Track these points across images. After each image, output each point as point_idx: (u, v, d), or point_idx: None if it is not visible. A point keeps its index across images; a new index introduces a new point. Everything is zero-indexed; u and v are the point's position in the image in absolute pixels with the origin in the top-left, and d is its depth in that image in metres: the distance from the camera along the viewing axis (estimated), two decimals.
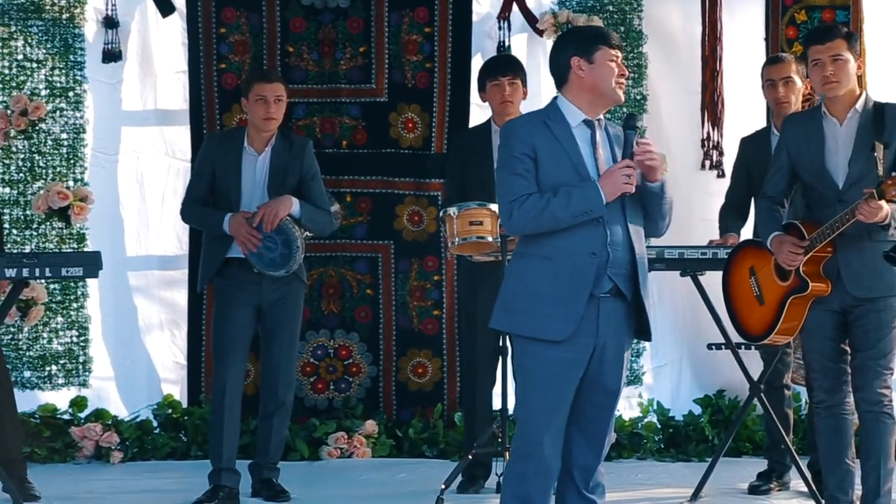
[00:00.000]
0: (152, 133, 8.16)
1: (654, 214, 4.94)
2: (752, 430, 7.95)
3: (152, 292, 8.13)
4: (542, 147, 4.87)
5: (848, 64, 5.67)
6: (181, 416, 7.97)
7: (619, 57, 4.90)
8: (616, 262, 4.83)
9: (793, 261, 5.74)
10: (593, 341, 4.84)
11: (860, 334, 5.72)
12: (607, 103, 4.94)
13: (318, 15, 8.17)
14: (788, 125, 5.95)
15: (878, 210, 5.47)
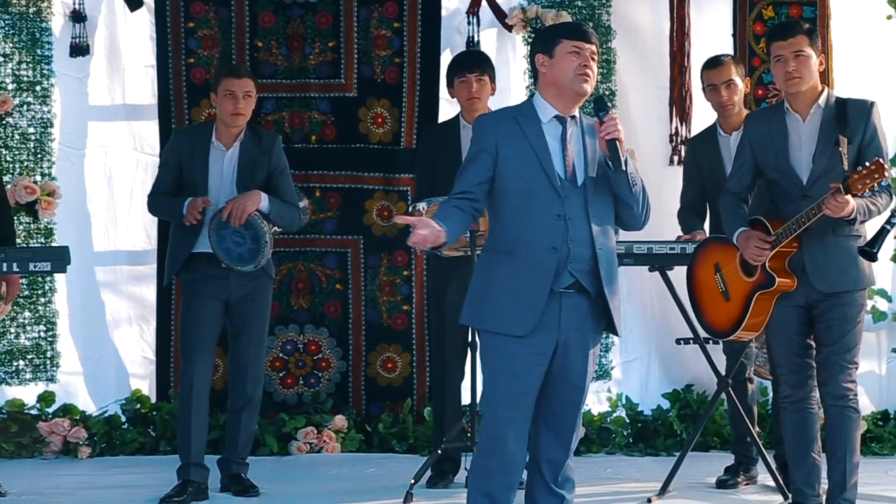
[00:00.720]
0: (120, 127, 8.13)
1: (625, 197, 4.91)
2: (719, 425, 7.99)
3: (120, 287, 8.11)
4: (506, 144, 4.91)
5: (810, 60, 5.70)
6: (150, 412, 7.96)
7: (584, 49, 4.90)
8: (576, 258, 4.85)
9: (759, 256, 5.77)
10: (555, 336, 4.87)
11: (825, 329, 5.75)
12: (572, 96, 4.94)
13: (287, 10, 8.15)
14: (751, 122, 5.98)
15: (845, 204, 5.49)
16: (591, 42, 4.95)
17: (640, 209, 4.97)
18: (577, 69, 4.89)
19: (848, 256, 5.68)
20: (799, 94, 5.74)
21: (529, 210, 4.90)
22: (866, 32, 8.13)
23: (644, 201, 4.97)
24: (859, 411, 5.81)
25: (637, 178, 4.94)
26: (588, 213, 4.88)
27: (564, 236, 4.85)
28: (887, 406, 8.12)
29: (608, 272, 4.91)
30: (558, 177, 4.89)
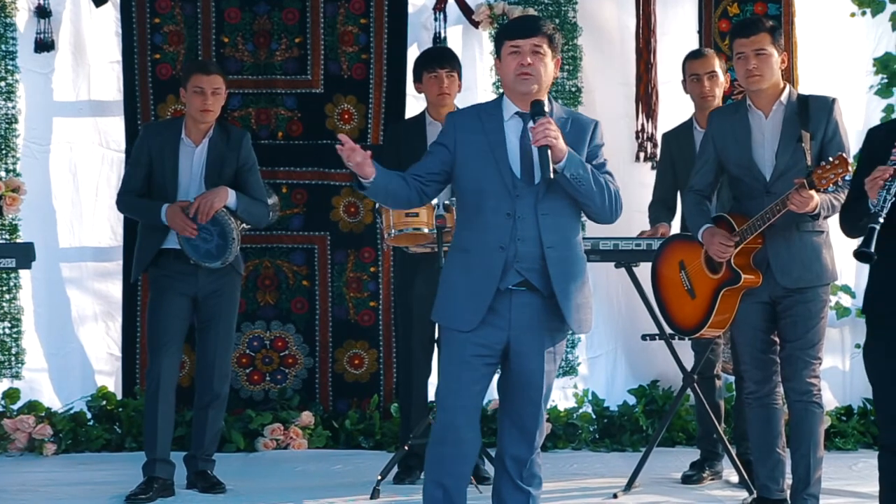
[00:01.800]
0: (86, 123, 8.10)
1: (579, 197, 4.90)
2: (685, 421, 8.02)
3: (86, 284, 8.07)
4: (465, 141, 4.95)
5: (771, 58, 5.74)
6: (115, 408, 7.93)
7: (522, 47, 4.90)
8: (523, 257, 4.87)
9: (724, 253, 5.80)
10: (505, 333, 4.91)
11: (789, 325, 5.78)
12: (519, 96, 4.95)
13: (253, 6, 8.13)
14: (714, 119, 6.01)
15: (810, 199, 5.52)
16: (532, 36, 4.93)
17: (601, 205, 4.93)
18: (516, 69, 4.91)
19: (811, 252, 5.72)
20: (761, 91, 5.77)
21: (481, 208, 4.93)
22: (831, 30, 8.18)
23: (608, 196, 4.94)
24: (823, 406, 5.85)
25: (586, 177, 4.87)
26: (537, 211, 4.88)
27: (512, 235, 4.87)
28: (851, 401, 8.17)
29: (561, 271, 4.90)
30: (512, 175, 4.90)
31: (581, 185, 4.85)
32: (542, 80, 4.93)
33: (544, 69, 4.93)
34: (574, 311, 4.93)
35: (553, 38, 4.97)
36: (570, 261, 4.93)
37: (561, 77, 8.01)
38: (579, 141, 4.97)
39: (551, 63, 4.97)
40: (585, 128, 5.03)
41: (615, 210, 4.98)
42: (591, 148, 5.01)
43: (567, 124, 4.97)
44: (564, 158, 4.81)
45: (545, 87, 4.97)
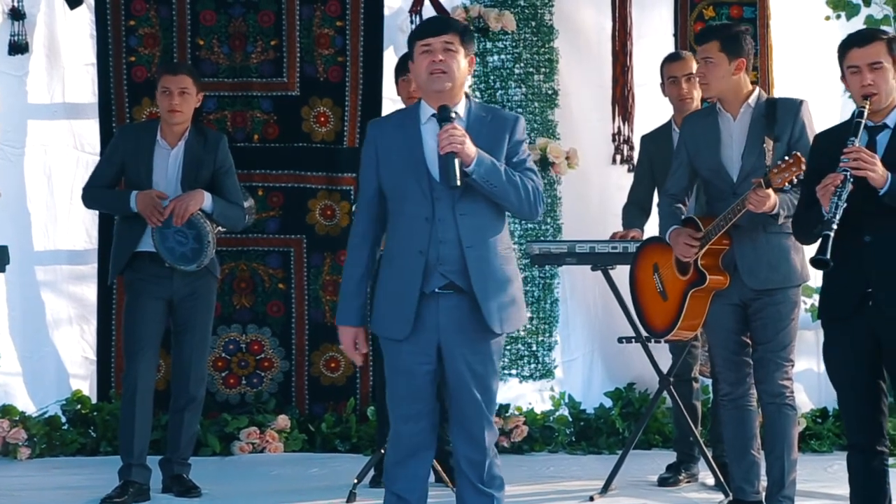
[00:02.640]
0: (60, 126, 8.07)
1: (493, 198, 4.85)
2: (661, 423, 8.03)
3: (60, 287, 8.05)
4: (385, 145, 4.93)
5: (717, 67, 5.77)
6: (90, 412, 7.90)
7: (433, 45, 4.84)
8: (445, 259, 4.83)
9: (688, 253, 5.82)
10: (435, 337, 4.87)
11: (759, 327, 5.80)
12: (433, 95, 4.88)
13: (228, 8, 8.12)
14: (687, 123, 6.07)
15: (766, 199, 5.55)
16: (443, 33, 4.87)
17: (517, 203, 4.87)
18: (428, 67, 4.86)
19: (779, 253, 5.73)
20: (723, 96, 5.81)
21: (401, 213, 4.91)
22: (805, 33, 8.21)
23: (525, 194, 4.85)
24: (796, 408, 5.87)
25: (497, 178, 4.80)
26: (455, 213, 4.85)
27: (431, 239, 4.83)
28: (826, 403, 8.19)
29: (481, 271, 4.84)
30: (429, 178, 4.86)
31: (493, 187, 4.81)
32: (456, 77, 4.86)
33: (457, 66, 4.86)
34: (495, 310, 4.86)
35: (465, 36, 4.92)
36: (490, 260, 4.87)
37: (537, 79, 8.02)
38: (498, 138, 4.91)
39: (464, 60, 4.89)
40: (506, 124, 4.96)
41: (534, 208, 4.92)
42: (512, 144, 4.94)
43: (486, 122, 4.92)
44: (473, 162, 4.77)
45: (459, 84, 4.91)
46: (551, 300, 8.06)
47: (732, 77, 5.78)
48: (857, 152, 4.94)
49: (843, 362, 5.10)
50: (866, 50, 5.09)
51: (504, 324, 4.89)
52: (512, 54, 8.04)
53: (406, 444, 4.93)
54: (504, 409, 7.97)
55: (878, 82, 5.06)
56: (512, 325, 4.96)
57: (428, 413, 4.94)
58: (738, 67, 5.78)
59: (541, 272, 7.98)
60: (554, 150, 7.94)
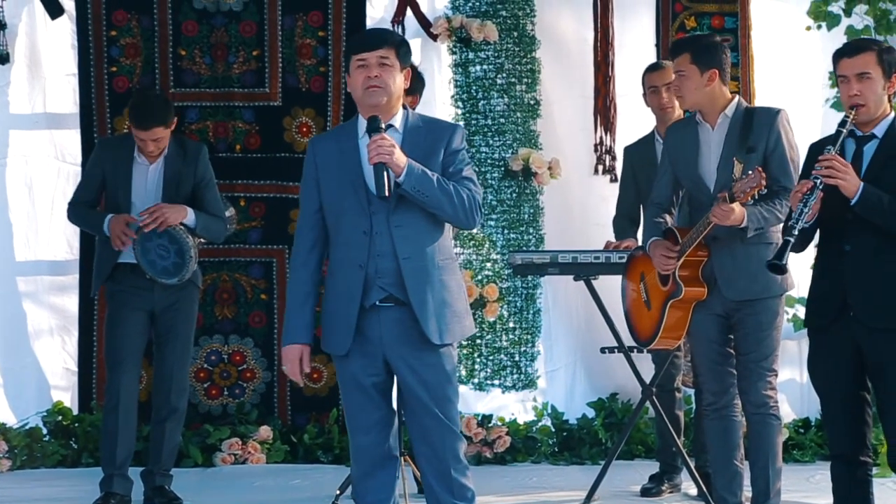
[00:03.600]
0: (42, 137, 8.05)
1: (426, 208, 4.84)
2: (644, 433, 8.03)
3: (42, 298, 8.02)
4: (324, 161, 4.94)
5: (689, 80, 5.78)
6: (71, 423, 7.87)
7: (368, 59, 4.84)
8: (383, 272, 4.84)
9: (665, 265, 5.83)
10: (380, 350, 4.87)
11: (741, 337, 5.80)
12: (368, 109, 4.88)
13: (210, 18, 8.11)
14: (669, 132, 6.10)
15: (730, 212, 5.55)
16: (378, 48, 4.87)
17: (452, 213, 4.85)
18: (364, 83, 4.86)
19: (757, 264, 5.70)
20: (699, 107, 5.82)
21: (340, 228, 4.92)
22: (787, 43, 8.23)
23: (459, 204, 4.83)
24: (780, 418, 5.86)
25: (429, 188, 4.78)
26: (390, 225, 4.85)
27: (370, 252, 4.84)
28: (808, 414, 8.19)
29: (417, 282, 4.84)
30: (367, 191, 4.86)
31: (425, 197, 4.80)
32: (391, 91, 4.87)
33: (392, 81, 4.86)
34: (433, 321, 4.84)
35: (401, 50, 4.91)
36: (428, 271, 4.87)
37: (520, 90, 8.03)
38: (434, 148, 4.91)
39: (400, 75, 4.90)
40: (443, 134, 4.95)
41: (470, 216, 4.89)
42: (449, 153, 4.92)
43: (422, 132, 4.93)
44: (403, 172, 4.76)
45: (396, 97, 4.91)
46: (534, 310, 8.06)
47: (706, 88, 5.79)
48: (830, 160, 4.96)
49: (826, 372, 5.11)
50: (854, 60, 5.10)
51: (444, 334, 4.86)
52: (494, 64, 8.04)
53: (368, 456, 4.93)
54: (487, 419, 7.97)
55: (865, 93, 5.06)
56: (453, 336, 4.90)
57: (384, 423, 4.93)
58: (710, 78, 5.78)
59: (523, 282, 7.98)
60: (536, 161, 7.94)
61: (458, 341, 5.02)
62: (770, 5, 8.22)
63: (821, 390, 5.19)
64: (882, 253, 5.00)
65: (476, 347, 7.99)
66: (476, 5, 8.05)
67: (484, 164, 8.02)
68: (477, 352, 7.99)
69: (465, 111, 8.04)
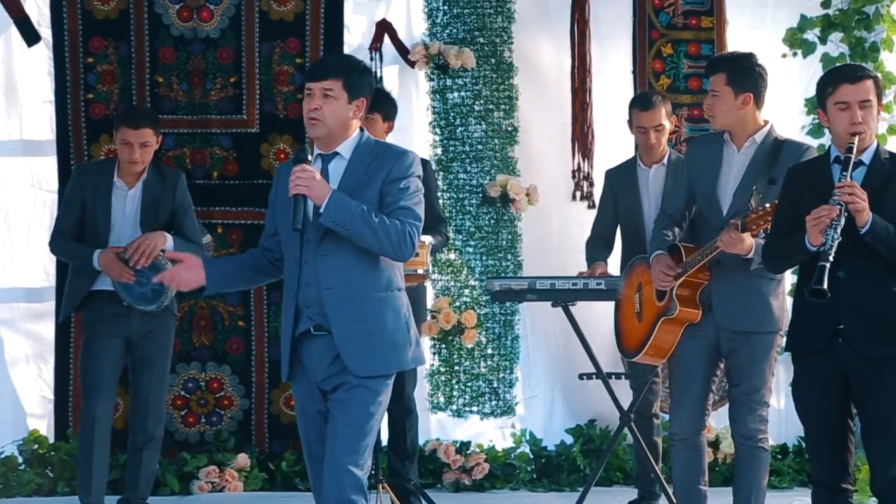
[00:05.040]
0: (18, 164, 8.01)
1: (351, 239, 4.80)
2: (622, 460, 8.01)
3: (18, 325, 7.97)
4: (282, 189, 4.92)
5: (723, 100, 5.73)
6: (48, 452, 7.81)
7: (313, 90, 4.87)
8: (310, 301, 4.85)
9: (663, 281, 5.78)
10: (314, 378, 4.90)
11: (733, 368, 5.75)
12: (314, 139, 4.97)
13: (187, 45, 8.09)
14: (693, 146, 6.07)
15: (739, 241, 5.50)
16: (323, 79, 4.86)
17: (378, 246, 4.81)
18: (308, 113, 4.89)
19: (756, 296, 5.67)
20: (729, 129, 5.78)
21: (285, 256, 4.99)
22: None
23: (385, 236, 4.79)
24: (768, 451, 5.83)
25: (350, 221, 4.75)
26: (317, 254, 4.85)
27: (299, 281, 4.87)
28: (786, 440, 8.19)
29: (340, 313, 4.81)
30: (304, 219, 4.83)
31: (346, 231, 4.77)
32: (329, 124, 4.85)
33: (333, 113, 4.85)
34: (353, 352, 4.81)
35: (349, 80, 4.87)
36: (352, 302, 4.83)
37: (497, 116, 8.04)
38: (376, 175, 4.88)
39: (346, 106, 4.87)
40: (386, 161, 4.91)
41: (398, 249, 4.83)
42: (388, 182, 4.87)
43: (368, 159, 4.90)
44: (323, 204, 4.76)
45: (339, 128, 4.88)
46: (512, 337, 8.05)
47: (739, 111, 5.71)
48: (852, 187, 4.94)
49: (812, 399, 5.10)
50: (857, 87, 5.08)
51: (366, 367, 4.81)
52: (472, 91, 8.06)
53: (313, 483, 4.97)
54: (465, 446, 7.95)
55: (866, 120, 5.06)
56: (377, 369, 4.84)
57: None
58: (744, 102, 5.69)
59: (501, 309, 7.97)
60: (514, 187, 7.95)
61: (389, 374, 4.89)
62: (746, 33, 8.24)
63: (805, 417, 5.17)
64: (877, 279, 5.00)
65: (454, 374, 7.98)
66: (453, 32, 8.06)
67: (462, 190, 8.03)
68: (455, 378, 7.98)
69: (442, 138, 8.04)
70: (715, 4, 8.17)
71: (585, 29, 8.16)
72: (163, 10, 8.01)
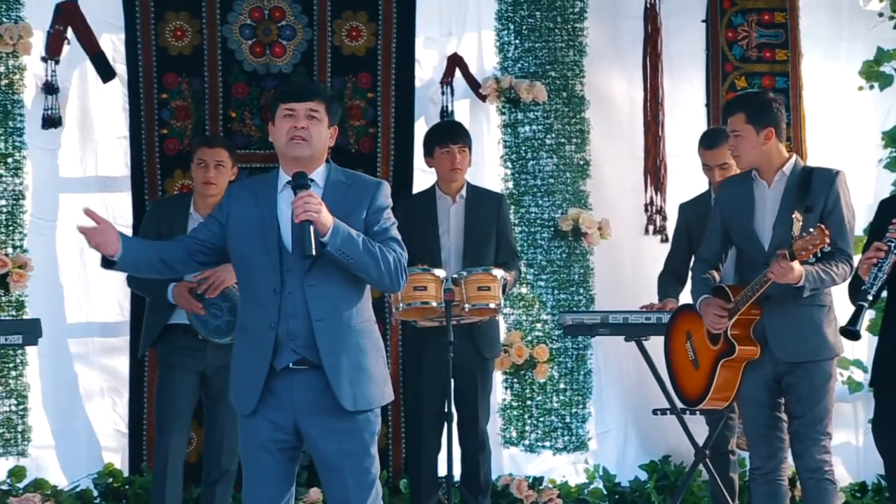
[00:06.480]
0: (93, 199, 8.05)
1: (351, 270, 4.72)
2: (697, 496, 7.93)
3: (93, 359, 8.01)
4: (237, 213, 4.83)
5: (746, 140, 5.77)
6: (122, 486, 7.84)
7: (297, 110, 4.77)
8: (297, 334, 4.71)
9: (717, 324, 5.78)
10: (291, 415, 4.74)
11: (794, 401, 5.74)
12: (290, 161, 4.80)
13: (260, 80, 8.14)
14: (722, 189, 6.11)
15: (789, 270, 5.49)
16: (308, 100, 4.79)
17: (377, 277, 4.73)
18: (289, 133, 4.77)
19: (809, 325, 5.67)
20: (756, 166, 5.81)
21: (252, 284, 4.80)
22: (839, 103, 8.21)
23: (385, 266, 4.72)
24: (836, 483, 5.79)
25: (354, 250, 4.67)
26: (304, 284, 4.72)
27: (279, 312, 4.71)
28: (865, 477, 8.08)
29: (331, 345, 4.70)
30: (280, 249, 4.74)
31: (349, 259, 4.68)
32: (315, 145, 4.78)
33: (318, 135, 4.78)
34: (347, 386, 4.71)
35: (331, 105, 4.84)
36: (343, 333, 4.73)
37: (569, 150, 8.02)
38: (356, 206, 4.81)
39: (327, 130, 4.83)
40: (366, 191, 4.85)
41: (395, 280, 4.77)
42: (372, 211, 4.82)
43: (346, 189, 4.83)
44: (329, 232, 4.65)
45: (320, 152, 4.83)
46: (584, 371, 8.01)
47: (763, 147, 5.76)
48: None
49: (892, 434, 5.03)
50: None
51: (358, 401, 4.72)
52: (543, 125, 8.04)
53: None
54: (538, 481, 7.90)
55: None
56: (368, 403, 4.76)
57: (286, 484, 4.81)
58: (766, 137, 5.76)
59: (574, 343, 7.93)
60: (586, 221, 7.92)
61: (375, 408, 4.83)
62: (821, 65, 8.20)
63: (886, 452, 5.11)
64: None
65: (526, 408, 7.94)
66: (525, 66, 8.06)
67: (533, 224, 8.00)
68: (527, 413, 7.94)
69: (514, 171, 8.03)
70: (789, 37, 8.13)
71: (658, 62, 8.14)
72: (236, 45, 8.06)
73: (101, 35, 7.88)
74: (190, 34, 8.02)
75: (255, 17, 8.06)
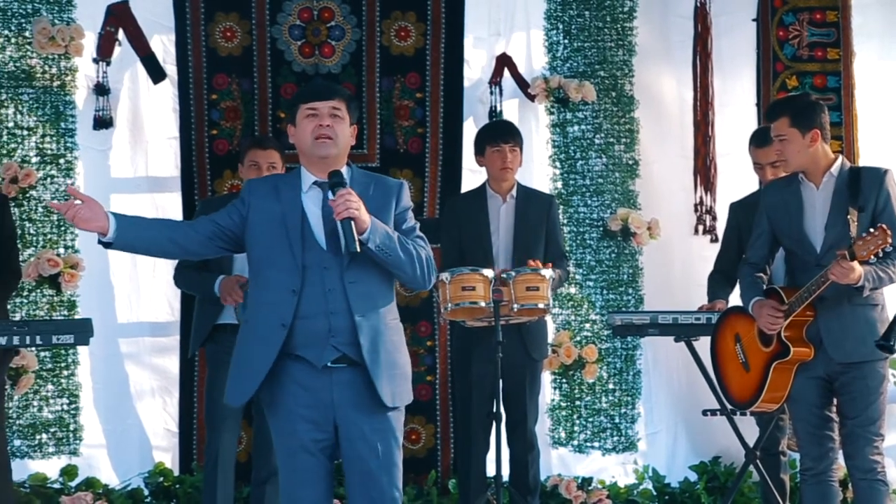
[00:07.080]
0: (143, 200, 8.12)
1: (388, 267, 4.75)
2: (748, 497, 7.90)
3: (144, 359, 8.06)
4: (256, 205, 4.83)
5: (792, 143, 5.74)
6: (173, 485, 7.88)
7: (320, 109, 4.79)
8: (338, 331, 4.70)
9: (772, 325, 5.75)
10: (331, 414, 4.74)
11: (848, 401, 5.71)
12: (317, 162, 4.81)
13: (308, 80, 8.15)
14: (768, 192, 6.07)
15: (850, 271, 5.48)
16: (330, 98, 4.82)
17: (412, 273, 4.78)
18: (314, 132, 4.78)
19: (864, 326, 5.65)
20: (804, 168, 5.78)
21: (266, 279, 4.79)
22: (891, 102, 8.15)
23: (419, 263, 4.77)
24: (888, 484, 5.77)
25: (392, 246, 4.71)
26: (344, 281, 4.73)
27: (294, 312, 4.69)
28: None
29: (372, 341, 4.72)
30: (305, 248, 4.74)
31: (388, 256, 4.71)
32: (341, 143, 4.81)
33: (343, 133, 4.81)
34: (386, 382, 4.74)
35: (351, 104, 4.86)
36: (380, 330, 4.76)
37: (618, 149, 8.00)
38: (385, 205, 4.83)
39: (349, 128, 4.86)
40: (391, 191, 4.88)
41: (427, 277, 4.83)
42: (399, 211, 4.86)
43: (370, 189, 4.84)
44: (368, 229, 4.67)
45: (344, 151, 4.85)
46: (634, 372, 7.99)
47: (809, 150, 5.74)
48: None
49: None
50: None
51: (395, 397, 4.76)
52: (592, 125, 8.03)
53: None
54: (587, 482, 7.89)
55: None
56: (402, 399, 4.80)
57: (328, 480, 4.87)
58: (812, 139, 5.73)
59: (623, 343, 7.91)
60: (635, 221, 7.90)
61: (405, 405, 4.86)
62: (874, 63, 8.15)
63: None
64: None
65: (575, 409, 7.93)
66: (574, 66, 8.05)
67: (582, 224, 7.99)
68: (576, 413, 7.93)
69: (563, 171, 8.02)
70: (842, 35, 8.08)
71: (708, 61, 8.11)
72: (285, 46, 8.09)
73: (152, 36, 7.93)
74: (239, 35, 8.06)
75: (304, 18, 8.08)
